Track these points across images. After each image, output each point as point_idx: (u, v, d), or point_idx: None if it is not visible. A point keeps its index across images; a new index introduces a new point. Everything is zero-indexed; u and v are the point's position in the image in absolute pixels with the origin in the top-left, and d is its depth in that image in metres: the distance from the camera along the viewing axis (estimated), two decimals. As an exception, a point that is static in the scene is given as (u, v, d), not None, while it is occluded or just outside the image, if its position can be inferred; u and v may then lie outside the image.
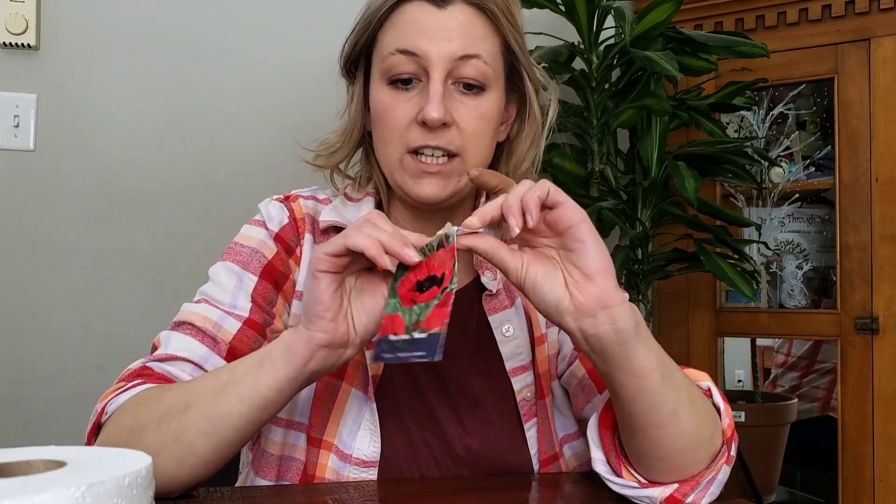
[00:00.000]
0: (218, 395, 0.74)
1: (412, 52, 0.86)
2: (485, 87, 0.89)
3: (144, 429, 0.75)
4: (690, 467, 0.78)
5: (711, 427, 0.79)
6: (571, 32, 1.83)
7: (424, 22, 0.86)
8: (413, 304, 0.69)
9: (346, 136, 0.97)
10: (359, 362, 0.91)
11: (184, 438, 0.74)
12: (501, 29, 0.90)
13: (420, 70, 0.87)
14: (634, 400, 0.75)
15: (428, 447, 0.91)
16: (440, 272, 0.68)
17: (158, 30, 1.83)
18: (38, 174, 1.76)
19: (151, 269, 1.82)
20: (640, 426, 0.76)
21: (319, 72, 1.85)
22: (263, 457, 0.91)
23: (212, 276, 0.93)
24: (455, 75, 0.87)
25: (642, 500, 0.80)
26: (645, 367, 0.73)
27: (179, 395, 0.76)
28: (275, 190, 1.02)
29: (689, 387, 0.78)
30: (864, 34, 1.87)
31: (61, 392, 1.74)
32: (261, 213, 0.97)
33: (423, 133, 0.86)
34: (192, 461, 0.75)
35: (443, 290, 0.68)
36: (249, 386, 0.74)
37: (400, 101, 0.88)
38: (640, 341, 0.72)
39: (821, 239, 2.14)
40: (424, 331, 0.67)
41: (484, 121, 0.89)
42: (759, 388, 2.20)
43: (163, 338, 0.88)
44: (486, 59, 0.88)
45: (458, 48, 0.86)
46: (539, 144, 0.98)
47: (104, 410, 0.80)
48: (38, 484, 0.44)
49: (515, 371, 0.94)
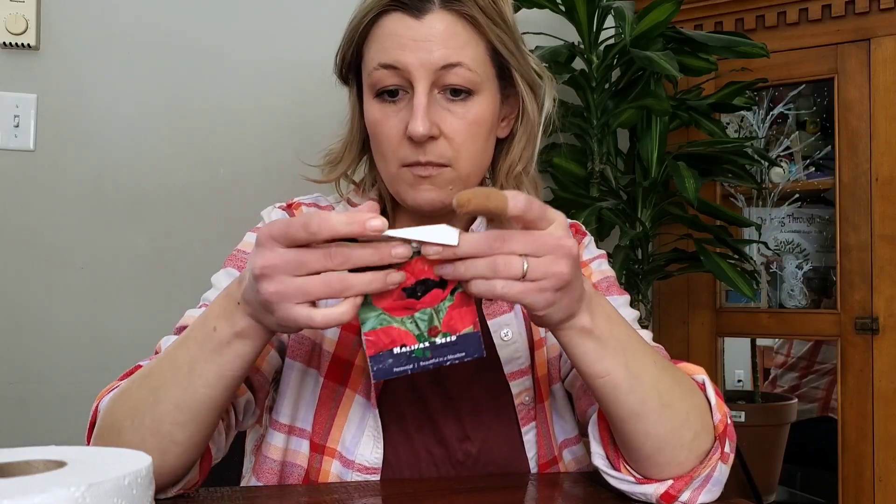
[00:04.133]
0: (185, 386, 0.72)
1: (393, 65, 0.85)
2: (472, 91, 0.87)
3: (121, 426, 0.75)
4: (673, 466, 0.77)
5: (696, 427, 0.78)
6: (571, 32, 1.83)
7: (404, 34, 0.85)
8: (412, 312, 0.66)
9: (346, 147, 0.97)
10: (362, 369, 0.91)
11: (161, 431, 0.73)
12: (484, 33, 0.87)
13: (405, 82, 0.86)
14: (593, 393, 0.77)
15: (429, 453, 0.91)
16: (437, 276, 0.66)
17: (158, 30, 1.83)
18: (38, 174, 1.76)
19: (151, 269, 1.82)
20: (607, 416, 0.78)
21: (319, 72, 1.85)
22: (265, 462, 0.91)
23: (214, 283, 0.92)
24: (440, 84, 0.86)
25: (638, 496, 0.80)
26: (596, 370, 0.73)
27: (143, 388, 0.75)
28: (275, 190, 1.02)
29: (667, 391, 0.76)
30: (864, 34, 1.87)
31: (61, 392, 1.74)
32: (264, 220, 0.96)
33: (413, 149, 0.86)
34: (175, 450, 0.74)
35: (451, 290, 0.66)
36: (216, 373, 0.72)
37: (389, 116, 0.87)
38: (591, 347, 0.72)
39: (821, 239, 2.14)
40: (449, 334, 0.66)
41: (474, 126, 0.88)
42: (758, 389, 2.20)
43: (164, 342, 0.87)
44: (470, 66, 0.86)
45: (439, 58, 0.84)
46: (535, 142, 0.96)
47: (97, 409, 0.80)
48: (38, 484, 0.44)
49: (514, 375, 0.94)
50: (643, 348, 0.76)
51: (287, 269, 0.64)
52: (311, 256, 0.64)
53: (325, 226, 0.63)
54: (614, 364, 0.73)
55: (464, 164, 0.88)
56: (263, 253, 0.65)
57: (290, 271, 0.64)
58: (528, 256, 0.65)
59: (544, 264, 0.65)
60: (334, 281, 0.64)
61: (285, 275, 0.64)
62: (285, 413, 0.91)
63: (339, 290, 0.64)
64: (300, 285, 0.64)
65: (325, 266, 0.64)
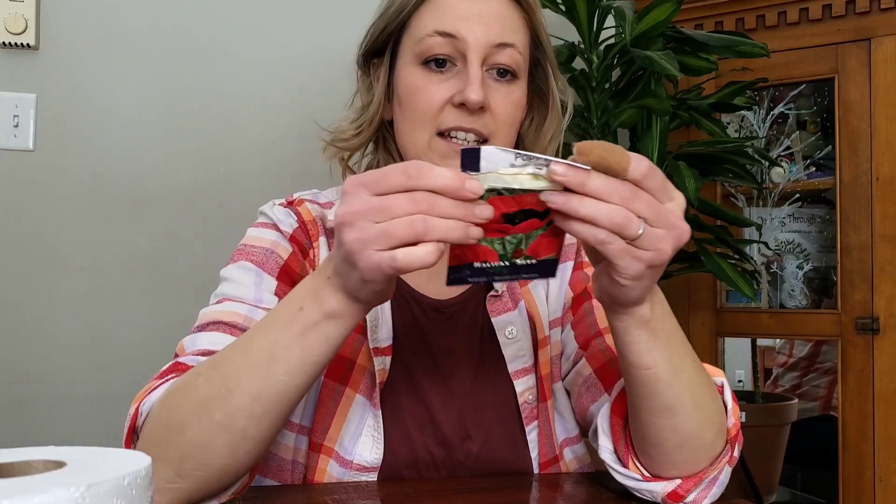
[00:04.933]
0: (264, 375, 0.68)
1: (452, 34, 0.87)
2: (516, 75, 0.90)
3: (183, 423, 0.70)
4: (689, 464, 0.78)
5: (717, 430, 0.78)
6: (571, 32, 1.83)
7: (463, 7, 0.87)
8: (503, 235, 0.64)
9: (364, 124, 0.96)
10: (365, 368, 0.90)
11: (234, 426, 0.69)
12: (534, 22, 0.92)
13: (456, 53, 0.87)
14: (630, 384, 0.76)
15: (429, 454, 0.90)
16: (541, 208, 0.63)
17: (158, 30, 1.83)
18: (37, 174, 1.76)
19: (151, 269, 1.82)
20: (636, 408, 0.77)
21: (321, 70, 1.85)
22: (267, 458, 0.90)
23: (227, 277, 0.89)
24: (490, 62, 0.88)
25: (644, 493, 0.79)
26: (644, 361, 0.72)
27: (213, 380, 0.70)
28: (275, 190, 1.02)
29: (699, 390, 0.76)
30: (864, 34, 1.87)
31: (61, 392, 1.74)
32: (266, 215, 0.95)
33: (459, 115, 0.87)
34: (247, 446, 0.70)
35: (549, 222, 0.64)
36: (299, 359, 0.68)
37: (433, 83, 0.88)
38: (644, 338, 0.71)
39: (821, 239, 2.14)
40: (531, 258, 0.65)
41: (515, 108, 0.90)
42: (759, 389, 2.20)
43: (187, 342, 0.83)
44: (520, 49, 0.89)
45: (496, 35, 0.87)
46: (558, 137, 0.98)
47: (138, 412, 0.74)
48: (38, 484, 0.43)
49: (518, 374, 0.94)
50: (686, 344, 0.76)
51: (370, 215, 0.61)
52: (396, 201, 0.61)
53: (425, 172, 0.61)
54: (661, 357, 0.72)
55: (500, 142, 0.89)
56: (348, 200, 0.62)
57: (372, 217, 0.61)
58: (645, 221, 0.62)
59: (655, 237, 0.63)
60: (417, 221, 0.60)
61: (368, 220, 0.61)
62: None
63: (422, 232, 0.60)
64: (382, 229, 0.61)
65: (408, 211, 0.60)
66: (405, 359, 0.93)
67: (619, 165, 0.61)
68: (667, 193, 0.64)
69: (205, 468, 0.70)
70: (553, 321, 0.98)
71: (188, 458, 0.70)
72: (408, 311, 0.95)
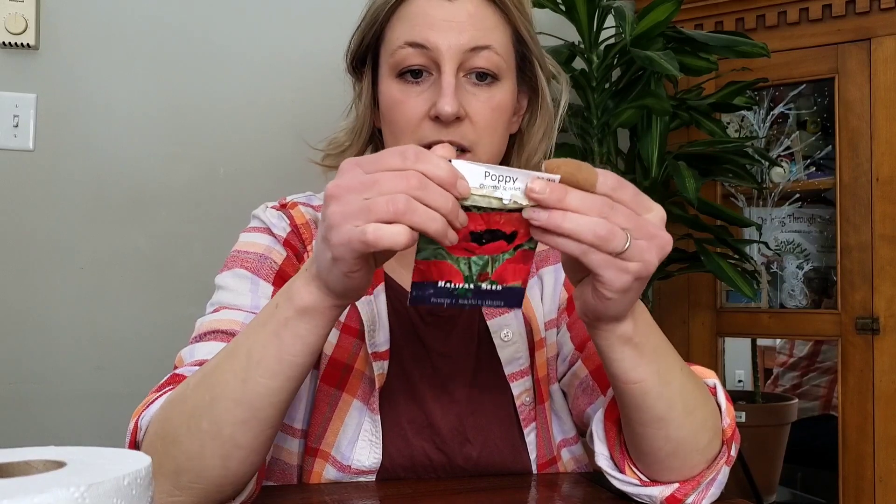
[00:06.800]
0: (244, 378, 0.67)
1: (422, 44, 0.84)
2: (497, 77, 0.87)
3: (176, 435, 0.69)
4: (685, 469, 0.77)
5: (711, 433, 0.78)
6: (571, 32, 1.83)
7: (434, 14, 0.85)
8: (470, 255, 0.63)
9: (355, 134, 0.95)
10: (362, 373, 0.90)
11: (222, 434, 0.68)
12: (512, 18, 0.88)
13: (430, 63, 0.85)
14: (619, 396, 0.75)
15: (428, 458, 0.90)
16: (508, 229, 0.63)
17: (158, 29, 1.83)
18: (37, 174, 1.76)
19: (151, 269, 1.82)
20: (627, 419, 0.76)
21: (320, 71, 1.85)
22: (271, 463, 0.89)
23: (222, 285, 0.89)
24: (466, 67, 0.85)
25: (642, 498, 0.79)
26: (631, 377, 0.72)
27: (199, 389, 0.69)
28: (275, 189, 1.01)
29: (690, 397, 0.76)
30: (864, 34, 1.87)
31: (61, 392, 1.74)
32: (259, 219, 0.94)
33: (436, 128, 0.85)
34: (239, 454, 0.69)
35: (515, 246, 0.64)
36: (275, 357, 0.67)
37: (410, 96, 0.86)
38: (629, 354, 0.71)
39: (821, 239, 2.14)
40: (496, 283, 0.65)
41: (497, 112, 0.87)
42: (759, 389, 2.20)
43: (185, 354, 0.82)
44: (498, 50, 0.86)
45: (469, 40, 0.84)
46: (551, 135, 0.96)
47: (137, 426, 0.74)
48: (38, 484, 0.43)
49: (514, 376, 0.93)
50: (673, 354, 0.75)
51: (358, 189, 0.60)
52: (385, 177, 0.59)
53: (423, 157, 0.59)
54: (649, 371, 0.71)
55: (484, 149, 0.87)
56: (341, 176, 0.62)
57: (360, 192, 0.60)
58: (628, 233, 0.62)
59: (639, 248, 0.62)
60: (399, 199, 0.58)
61: (354, 194, 0.60)
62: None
63: (402, 211, 0.58)
64: (365, 204, 0.59)
65: (396, 188, 0.59)
66: (402, 363, 0.92)
67: (587, 182, 0.61)
68: (642, 205, 0.64)
69: (201, 480, 0.69)
70: (548, 322, 0.98)
71: (184, 471, 0.69)
72: (404, 315, 0.94)
